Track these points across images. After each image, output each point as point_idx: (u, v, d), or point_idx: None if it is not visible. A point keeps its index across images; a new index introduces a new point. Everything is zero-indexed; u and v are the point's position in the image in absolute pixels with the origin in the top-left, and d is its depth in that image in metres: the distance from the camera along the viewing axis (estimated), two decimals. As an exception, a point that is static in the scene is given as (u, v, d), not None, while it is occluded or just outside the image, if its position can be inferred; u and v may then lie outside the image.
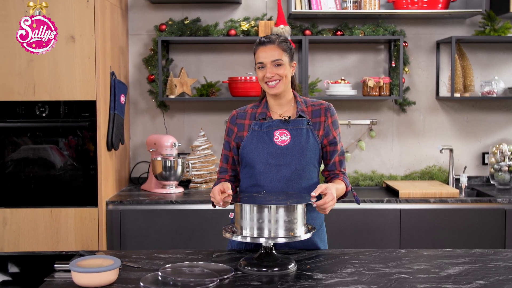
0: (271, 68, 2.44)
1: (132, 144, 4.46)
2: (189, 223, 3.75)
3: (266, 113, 2.52)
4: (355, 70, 4.43)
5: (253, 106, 2.60)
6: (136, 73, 4.42)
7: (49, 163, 3.71)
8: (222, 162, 2.62)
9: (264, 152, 2.45)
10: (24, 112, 3.66)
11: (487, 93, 4.28)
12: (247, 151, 2.48)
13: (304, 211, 2.16)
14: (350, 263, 2.25)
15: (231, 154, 2.58)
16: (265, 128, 2.48)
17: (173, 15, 4.38)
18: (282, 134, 2.46)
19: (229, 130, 2.58)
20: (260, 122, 2.50)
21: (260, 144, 2.46)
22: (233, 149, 2.57)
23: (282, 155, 2.44)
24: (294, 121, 2.48)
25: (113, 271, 1.96)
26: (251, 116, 2.55)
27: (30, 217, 3.65)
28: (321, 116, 2.52)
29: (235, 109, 2.62)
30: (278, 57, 2.44)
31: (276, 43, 2.45)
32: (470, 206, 3.80)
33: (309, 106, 2.55)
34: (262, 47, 2.46)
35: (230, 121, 2.59)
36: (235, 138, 2.55)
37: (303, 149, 2.45)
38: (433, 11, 4.11)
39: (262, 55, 2.45)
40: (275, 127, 2.47)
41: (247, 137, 2.50)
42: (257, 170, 2.47)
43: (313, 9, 4.14)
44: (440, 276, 2.09)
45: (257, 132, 2.48)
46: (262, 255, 2.18)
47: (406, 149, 4.47)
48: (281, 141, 2.45)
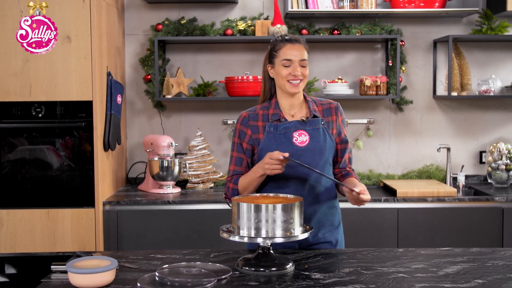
0: (298, 67, 2.44)
1: (129, 144, 4.45)
2: (186, 223, 3.74)
3: (280, 114, 2.50)
4: (352, 69, 4.43)
5: (262, 107, 2.56)
6: (133, 73, 4.40)
7: (46, 164, 3.69)
8: (234, 165, 2.54)
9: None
10: (20, 112, 3.65)
11: (484, 91, 4.28)
12: (266, 153, 2.43)
13: (301, 211, 2.15)
14: (348, 263, 2.24)
15: (245, 157, 2.53)
16: (281, 130, 2.46)
17: (170, 14, 4.37)
18: (301, 135, 2.46)
19: (241, 132, 2.53)
20: (275, 124, 2.48)
21: (279, 146, 2.44)
22: (247, 151, 2.53)
23: (302, 155, 2.44)
24: (311, 121, 2.49)
25: (110, 272, 1.95)
26: (263, 117, 2.52)
27: (26, 218, 3.64)
28: (332, 115, 2.55)
29: (244, 111, 2.57)
30: (305, 57, 2.46)
31: (302, 44, 2.48)
32: (467, 205, 3.80)
33: (319, 105, 2.56)
34: (290, 45, 2.46)
35: (241, 123, 2.53)
36: (249, 140, 2.51)
37: (322, 149, 2.46)
38: (430, 10, 4.11)
39: (291, 53, 2.44)
40: (293, 128, 2.47)
41: (264, 140, 2.47)
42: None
43: (309, 8, 4.13)
44: (438, 275, 2.08)
45: (273, 134, 2.46)
46: (259, 255, 2.17)
47: (403, 148, 4.47)
48: (301, 142, 2.45)
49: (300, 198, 2.21)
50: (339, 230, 2.58)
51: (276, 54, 2.48)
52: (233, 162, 2.55)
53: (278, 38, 2.51)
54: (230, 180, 2.54)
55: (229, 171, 2.56)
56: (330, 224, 2.53)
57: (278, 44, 2.49)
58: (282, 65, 2.45)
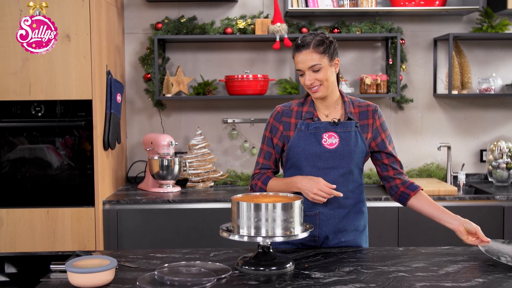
0: (309, 74, 2.37)
1: (129, 143, 4.44)
2: (186, 222, 3.73)
3: (313, 113, 2.45)
4: (352, 68, 4.42)
5: (298, 103, 2.51)
6: (133, 72, 4.40)
7: (46, 163, 3.69)
8: (263, 158, 2.52)
9: (311, 154, 2.40)
10: (20, 111, 3.64)
11: (485, 90, 4.27)
12: (294, 152, 2.42)
13: (301, 210, 2.14)
14: (348, 262, 2.24)
15: (274, 152, 2.50)
16: (312, 129, 2.41)
17: (169, 13, 4.36)
18: (330, 137, 2.40)
19: (273, 127, 2.50)
20: (307, 122, 2.43)
21: (307, 146, 2.40)
22: (276, 147, 2.50)
23: (330, 158, 2.40)
24: (343, 124, 2.42)
25: (109, 271, 1.95)
26: (297, 114, 2.47)
27: (26, 217, 3.63)
28: (369, 118, 2.47)
29: (279, 105, 2.52)
30: (314, 62, 2.35)
31: (312, 47, 2.35)
32: (468, 204, 3.79)
33: (356, 107, 2.48)
34: (297, 53, 2.38)
35: (275, 117, 2.50)
36: (280, 137, 2.48)
37: (352, 152, 2.41)
38: (430, 8, 4.10)
39: (298, 61, 2.38)
40: (324, 129, 2.41)
41: (294, 138, 2.43)
42: (304, 172, 2.42)
43: (309, 6, 4.12)
44: (438, 274, 2.07)
45: (303, 133, 2.42)
46: (259, 254, 2.16)
47: (403, 147, 4.46)
48: (330, 143, 2.40)
49: (300, 197, 2.20)
50: (363, 235, 2.54)
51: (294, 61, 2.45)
52: (262, 155, 2.53)
53: (294, 44, 2.44)
54: (258, 175, 2.52)
55: (258, 163, 2.54)
56: (355, 229, 2.49)
57: (292, 51, 2.43)
58: (299, 75, 2.42)
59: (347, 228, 2.47)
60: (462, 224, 2.33)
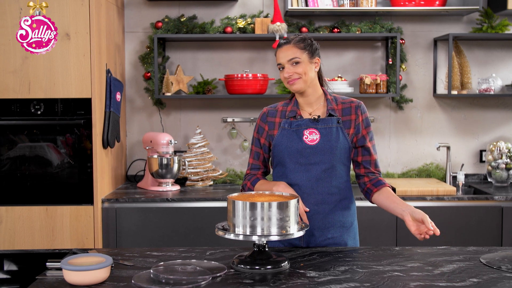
0: (288, 67, 2.45)
1: (129, 142, 4.45)
2: (185, 221, 3.74)
3: (296, 111, 2.53)
4: (352, 68, 4.42)
5: (284, 104, 2.60)
6: (132, 71, 4.40)
7: (46, 161, 3.70)
8: (253, 159, 2.62)
9: (293, 151, 2.46)
10: (19, 109, 3.65)
11: (485, 90, 4.27)
12: (278, 150, 2.50)
13: (296, 209, 2.15)
14: (344, 261, 2.24)
15: (262, 152, 2.59)
16: (294, 127, 2.49)
17: (169, 12, 4.37)
18: (311, 133, 2.47)
19: (259, 127, 2.59)
20: (290, 121, 2.50)
21: (290, 143, 2.47)
22: (264, 146, 2.58)
23: (311, 154, 2.45)
24: (324, 120, 2.48)
25: (104, 269, 1.95)
26: (281, 114, 2.56)
27: (25, 215, 3.64)
28: (352, 114, 2.52)
29: (266, 107, 2.62)
30: (294, 55, 2.44)
31: (292, 43, 2.47)
32: (467, 204, 3.79)
33: (339, 103, 2.54)
34: (279, 49, 2.49)
35: (261, 118, 2.60)
36: (266, 136, 2.56)
37: (333, 148, 2.45)
38: (430, 8, 4.10)
39: (279, 56, 2.48)
40: (305, 126, 2.48)
41: (277, 136, 2.51)
42: (288, 169, 2.49)
43: (309, 6, 4.13)
44: (433, 274, 2.08)
45: (286, 131, 2.49)
46: (255, 253, 2.17)
47: (403, 147, 4.46)
48: (311, 140, 2.46)
49: (296, 196, 2.21)
50: (350, 232, 2.55)
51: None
52: (252, 155, 2.63)
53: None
54: (249, 175, 2.61)
55: (248, 164, 2.65)
56: (341, 225, 2.51)
57: (276, 51, 2.53)
58: (279, 69, 2.51)
59: (333, 225, 2.50)
60: (409, 213, 2.30)
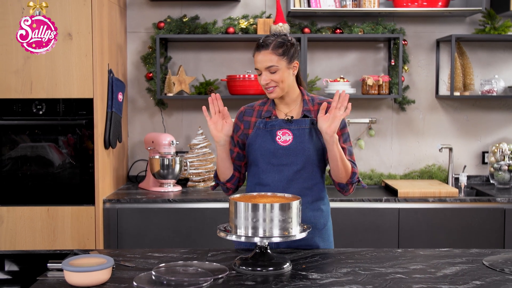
0: (265, 74, 2.42)
1: (130, 142, 4.44)
2: (186, 222, 3.73)
3: (272, 111, 2.51)
4: (354, 69, 4.41)
5: (261, 103, 2.60)
6: (134, 71, 4.40)
7: (47, 161, 3.69)
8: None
9: (266, 151, 2.45)
10: (21, 109, 3.65)
11: (487, 92, 4.25)
12: (251, 149, 2.50)
13: (299, 210, 2.14)
14: (346, 263, 2.23)
15: (236, 149, 2.57)
16: (269, 127, 2.47)
17: (172, 12, 4.36)
18: (284, 134, 2.45)
19: (236, 126, 2.58)
20: (265, 121, 2.49)
21: (263, 143, 2.46)
22: (238, 144, 2.57)
23: (284, 155, 2.44)
24: (298, 121, 2.47)
25: (105, 271, 1.95)
26: (257, 113, 2.55)
27: (27, 215, 3.63)
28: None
29: (244, 106, 2.62)
30: (271, 63, 2.40)
31: (271, 48, 2.40)
32: (469, 206, 3.78)
33: (316, 104, 2.53)
34: (257, 53, 2.44)
35: (238, 117, 2.59)
36: (240, 135, 2.55)
37: (305, 149, 2.44)
38: (433, 9, 4.09)
39: (257, 61, 2.44)
40: (278, 126, 2.47)
41: (251, 135, 2.50)
42: (260, 169, 2.48)
43: (312, 7, 4.12)
44: (436, 276, 2.07)
45: (261, 131, 2.48)
46: (257, 255, 2.16)
47: (405, 148, 4.45)
48: (283, 141, 2.45)
49: (298, 198, 2.20)
50: (323, 234, 2.54)
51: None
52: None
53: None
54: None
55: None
56: (313, 227, 2.48)
57: (253, 50, 2.48)
58: (257, 72, 2.48)
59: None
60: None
